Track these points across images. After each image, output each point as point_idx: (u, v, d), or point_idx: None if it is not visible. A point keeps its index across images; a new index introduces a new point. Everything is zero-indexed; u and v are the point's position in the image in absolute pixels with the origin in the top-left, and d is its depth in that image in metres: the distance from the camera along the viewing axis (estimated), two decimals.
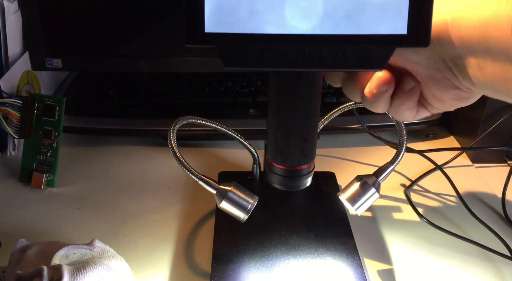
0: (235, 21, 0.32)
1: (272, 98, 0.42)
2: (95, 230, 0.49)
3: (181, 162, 0.44)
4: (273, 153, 0.45)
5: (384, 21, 0.32)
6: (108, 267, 0.36)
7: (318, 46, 0.33)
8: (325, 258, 0.44)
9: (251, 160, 0.53)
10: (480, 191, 0.57)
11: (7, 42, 0.59)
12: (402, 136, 0.46)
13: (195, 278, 0.44)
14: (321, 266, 0.43)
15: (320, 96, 0.42)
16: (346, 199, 0.46)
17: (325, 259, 0.44)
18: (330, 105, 0.53)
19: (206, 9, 0.32)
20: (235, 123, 0.57)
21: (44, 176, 0.55)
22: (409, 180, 0.58)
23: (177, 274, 0.44)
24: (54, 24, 0.60)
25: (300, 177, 0.45)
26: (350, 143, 0.65)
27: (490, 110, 0.59)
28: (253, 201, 0.44)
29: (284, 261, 0.44)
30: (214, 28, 0.32)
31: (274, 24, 0.32)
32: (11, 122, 0.53)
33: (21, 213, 0.52)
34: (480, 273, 0.45)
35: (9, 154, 0.61)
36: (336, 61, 0.34)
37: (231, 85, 0.70)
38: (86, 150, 0.63)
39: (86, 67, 0.67)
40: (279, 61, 0.34)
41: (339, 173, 0.56)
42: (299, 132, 0.42)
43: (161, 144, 0.64)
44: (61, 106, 0.54)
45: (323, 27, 0.32)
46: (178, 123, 0.46)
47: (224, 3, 0.32)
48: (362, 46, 0.33)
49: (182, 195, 0.55)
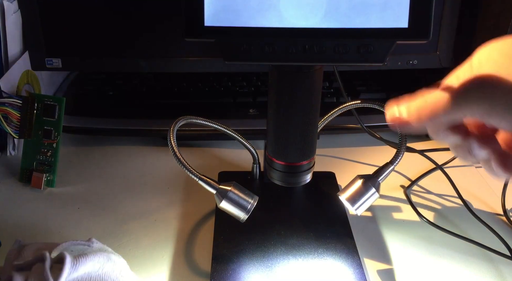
0: (235, 15, 0.32)
1: (273, 93, 0.42)
2: (95, 230, 0.49)
3: (181, 162, 0.44)
4: (273, 149, 0.45)
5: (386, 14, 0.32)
6: (108, 257, 0.37)
7: (319, 40, 0.33)
8: (325, 258, 0.44)
9: (251, 160, 0.53)
10: (480, 191, 0.56)
11: (7, 42, 0.59)
12: (402, 136, 0.46)
13: (195, 278, 0.44)
14: (321, 266, 0.43)
15: (320, 92, 0.42)
16: (346, 199, 0.46)
17: (325, 259, 0.44)
18: (330, 105, 0.53)
19: (205, 2, 0.32)
20: (235, 123, 0.57)
21: (44, 176, 0.55)
22: (409, 180, 0.58)
23: (177, 274, 0.44)
24: (54, 24, 0.60)
25: (300, 173, 0.45)
26: (350, 143, 0.65)
27: None
28: (253, 201, 0.44)
29: (284, 261, 0.44)
30: (214, 22, 0.32)
31: (275, 17, 0.32)
32: (11, 122, 0.53)
33: (21, 213, 0.51)
34: (480, 273, 0.45)
35: (9, 154, 0.61)
36: (337, 55, 0.34)
37: (231, 85, 0.70)
38: (86, 150, 0.63)
39: (86, 67, 0.67)
40: (280, 55, 0.34)
41: (339, 173, 0.56)
42: (299, 128, 0.42)
43: (161, 144, 0.64)
44: (61, 106, 0.54)
45: (324, 21, 0.32)
46: (178, 123, 0.46)
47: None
48: (363, 40, 0.33)
49: (182, 195, 0.55)
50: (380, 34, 0.33)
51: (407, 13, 0.32)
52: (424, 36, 0.32)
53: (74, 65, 0.64)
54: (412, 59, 0.63)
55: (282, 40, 0.33)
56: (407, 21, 0.32)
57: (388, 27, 0.32)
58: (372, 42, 0.33)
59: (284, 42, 0.33)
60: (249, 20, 0.32)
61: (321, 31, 0.33)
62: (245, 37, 0.33)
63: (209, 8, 0.32)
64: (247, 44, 0.33)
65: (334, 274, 0.43)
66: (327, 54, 0.34)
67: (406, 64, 0.64)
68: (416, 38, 0.32)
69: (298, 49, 0.34)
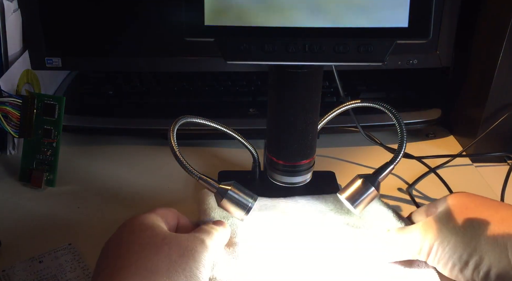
0: (235, 14, 0.32)
1: (273, 93, 0.42)
2: (95, 229, 0.49)
3: (180, 162, 0.44)
4: (273, 149, 0.45)
5: (385, 14, 0.32)
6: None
7: (319, 40, 0.33)
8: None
9: (251, 160, 0.53)
10: (480, 191, 0.56)
11: (7, 41, 0.59)
12: (402, 136, 0.46)
13: None
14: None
15: (320, 91, 0.42)
16: (346, 198, 0.46)
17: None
18: (330, 104, 0.53)
19: (205, 2, 0.32)
20: (235, 122, 0.56)
21: (44, 175, 0.55)
22: (406, 183, 0.58)
23: None
24: (54, 23, 0.60)
25: (300, 173, 0.45)
26: (350, 143, 0.65)
27: (490, 109, 0.59)
28: (253, 201, 0.44)
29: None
30: (214, 21, 0.32)
31: (275, 17, 0.32)
32: (11, 121, 0.53)
33: (21, 212, 0.51)
34: None
35: (9, 154, 0.61)
36: (336, 54, 0.34)
37: (231, 84, 0.70)
38: (86, 149, 0.63)
39: (86, 67, 0.67)
40: (280, 54, 0.34)
41: (339, 173, 0.56)
42: (299, 127, 0.42)
43: (161, 144, 0.64)
44: (61, 106, 0.54)
45: (324, 20, 0.32)
46: (178, 122, 0.46)
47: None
48: (363, 40, 0.33)
49: (182, 195, 0.55)
50: (380, 34, 0.33)
51: (407, 13, 0.32)
52: (424, 35, 0.32)
53: (74, 64, 0.64)
54: (412, 58, 0.63)
55: (282, 39, 0.33)
56: (407, 21, 0.32)
57: (388, 27, 0.32)
58: (372, 41, 0.33)
59: (284, 41, 0.33)
60: (249, 19, 0.32)
61: (321, 30, 0.33)
62: (245, 36, 0.33)
63: (209, 8, 0.32)
64: (247, 44, 0.33)
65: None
66: (327, 53, 0.34)
67: (406, 63, 0.63)
68: (416, 37, 0.32)
69: (298, 49, 0.34)
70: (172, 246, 0.36)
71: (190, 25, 0.33)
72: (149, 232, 0.38)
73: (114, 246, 0.38)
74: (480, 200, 0.41)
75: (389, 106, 0.46)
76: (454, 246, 0.38)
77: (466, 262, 0.37)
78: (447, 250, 0.38)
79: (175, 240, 0.37)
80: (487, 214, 0.39)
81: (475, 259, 0.37)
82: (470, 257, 0.37)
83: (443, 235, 0.39)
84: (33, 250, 0.45)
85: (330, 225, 0.47)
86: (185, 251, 0.36)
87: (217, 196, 0.44)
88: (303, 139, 0.44)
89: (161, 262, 0.35)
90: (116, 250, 0.37)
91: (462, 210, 0.40)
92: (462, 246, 0.37)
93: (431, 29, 0.32)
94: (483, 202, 0.41)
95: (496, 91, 0.58)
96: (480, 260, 0.36)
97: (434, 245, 0.39)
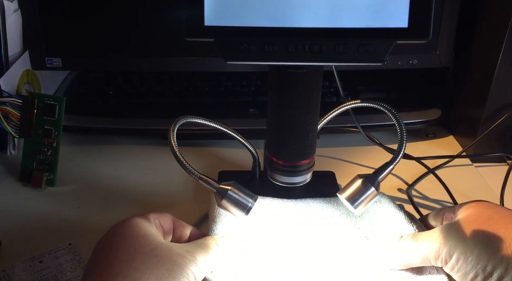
0: (234, 15, 0.32)
1: (273, 93, 0.42)
2: (95, 229, 0.49)
3: (180, 162, 0.44)
4: (273, 148, 0.45)
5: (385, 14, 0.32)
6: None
7: (318, 40, 0.33)
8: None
9: (251, 160, 0.53)
10: (479, 191, 0.56)
11: (7, 41, 0.59)
12: (402, 136, 0.46)
13: None
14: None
15: (320, 91, 0.42)
16: (346, 198, 0.46)
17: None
18: (330, 104, 0.53)
19: (205, 2, 0.32)
20: (235, 122, 0.57)
21: (44, 175, 0.55)
22: (406, 184, 0.58)
23: None
24: (54, 23, 0.60)
25: (300, 173, 0.45)
26: (350, 143, 0.65)
27: (490, 110, 0.59)
28: (253, 200, 0.44)
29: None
30: (214, 21, 0.32)
31: (274, 17, 0.32)
32: (11, 121, 0.53)
33: (21, 212, 0.51)
34: None
35: (9, 154, 0.61)
36: (336, 55, 0.34)
37: (231, 84, 0.70)
38: (86, 149, 0.63)
39: (86, 67, 0.67)
40: (280, 54, 0.34)
41: (339, 173, 0.56)
42: (299, 127, 0.42)
43: (161, 144, 0.64)
44: (61, 106, 0.54)
45: (323, 20, 0.32)
46: (178, 122, 0.46)
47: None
48: (362, 40, 0.33)
49: (182, 195, 0.55)
50: (380, 34, 0.33)
51: (407, 13, 0.32)
52: (424, 35, 0.32)
53: (74, 64, 0.64)
54: (412, 58, 0.63)
55: (282, 40, 0.33)
56: (407, 21, 0.32)
57: (387, 27, 0.32)
58: (372, 41, 0.33)
59: (284, 42, 0.33)
60: (249, 20, 0.32)
61: (320, 30, 0.33)
62: (245, 37, 0.33)
63: (209, 8, 0.32)
64: (247, 44, 0.33)
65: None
66: (326, 53, 0.34)
67: (406, 63, 0.64)
68: (416, 38, 0.32)
69: (298, 49, 0.34)
70: (161, 259, 0.36)
71: (190, 25, 0.33)
72: (141, 239, 0.37)
73: (102, 251, 0.37)
74: (504, 211, 0.41)
75: (389, 106, 0.46)
76: (478, 257, 0.37)
77: (490, 273, 0.37)
78: (470, 260, 0.38)
79: (165, 253, 0.37)
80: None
81: (499, 271, 0.36)
82: (495, 269, 0.37)
83: (466, 245, 0.38)
84: (33, 250, 0.45)
85: (340, 229, 0.46)
86: (174, 265, 0.36)
87: (217, 196, 0.44)
88: (303, 139, 0.44)
89: (147, 275, 0.34)
90: (105, 256, 0.36)
91: (486, 220, 0.39)
92: (487, 257, 0.37)
93: (431, 29, 0.32)
94: (508, 214, 0.40)
95: (496, 91, 0.58)
96: (505, 272, 0.36)
97: (455, 253, 0.38)
